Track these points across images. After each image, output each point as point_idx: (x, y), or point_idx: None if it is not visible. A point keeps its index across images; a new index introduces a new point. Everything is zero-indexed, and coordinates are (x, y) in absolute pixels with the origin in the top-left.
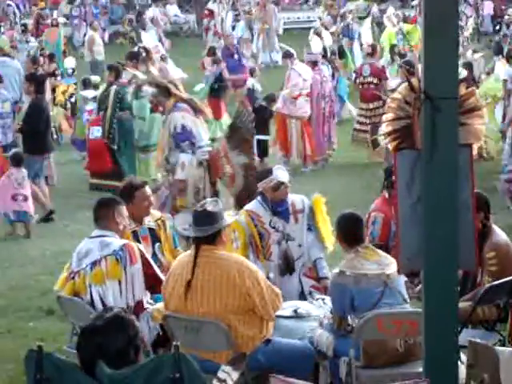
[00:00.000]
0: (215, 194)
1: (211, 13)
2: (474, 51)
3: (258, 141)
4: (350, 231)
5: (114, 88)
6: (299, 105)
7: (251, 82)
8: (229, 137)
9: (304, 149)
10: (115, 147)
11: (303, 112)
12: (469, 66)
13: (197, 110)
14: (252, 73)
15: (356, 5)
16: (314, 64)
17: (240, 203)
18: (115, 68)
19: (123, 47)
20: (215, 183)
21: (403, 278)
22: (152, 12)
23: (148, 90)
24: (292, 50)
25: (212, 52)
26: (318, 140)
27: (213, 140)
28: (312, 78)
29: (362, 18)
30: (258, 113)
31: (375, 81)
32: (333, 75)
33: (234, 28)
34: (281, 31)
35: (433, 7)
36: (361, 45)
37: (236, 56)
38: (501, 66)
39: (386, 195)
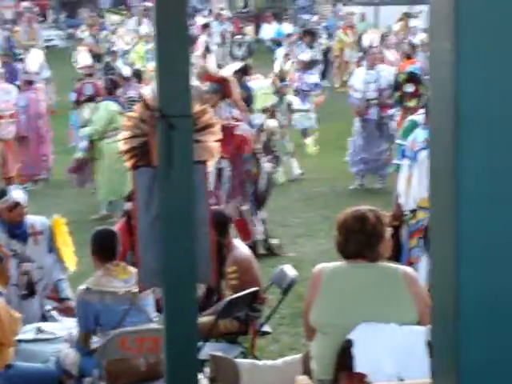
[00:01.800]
0: None
1: None
2: None
3: None
4: (106, 246)
5: None
6: (1, 126)
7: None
8: None
9: (9, 170)
10: None
11: (5, 134)
12: None
13: None
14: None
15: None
16: (29, 83)
17: None
18: None
19: None
20: None
21: (152, 297)
22: None
23: None
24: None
25: None
26: (35, 159)
27: None
28: (26, 97)
29: None
30: None
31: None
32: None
33: None
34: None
35: (164, 25)
36: None
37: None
38: None
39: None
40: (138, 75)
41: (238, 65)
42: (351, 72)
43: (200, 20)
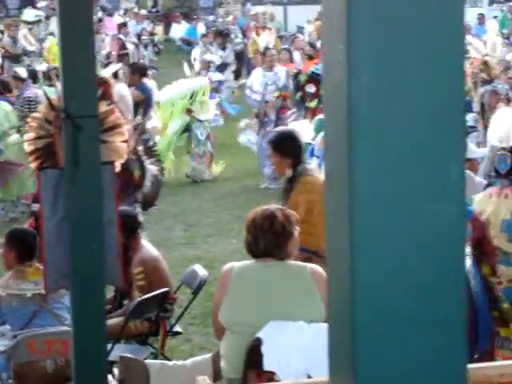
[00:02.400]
0: None
1: None
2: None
3: None
4: (27, 246)
5: None
6: None
7: None
8: None
9: None
10: None
11: None
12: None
13: None
14: None
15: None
16: None
17: None
18: None
19: None
20: None
21: (67, 299)
22: None
23: None
24: None
25: None
26: None
27: None
28: None
29: None
30: None
31: None
32: None
33: None
34: None
35: (68, 23)
36: None
37: None
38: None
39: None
40: (33, 76)
41: (115, 67)
42: None
43: (117, 19)
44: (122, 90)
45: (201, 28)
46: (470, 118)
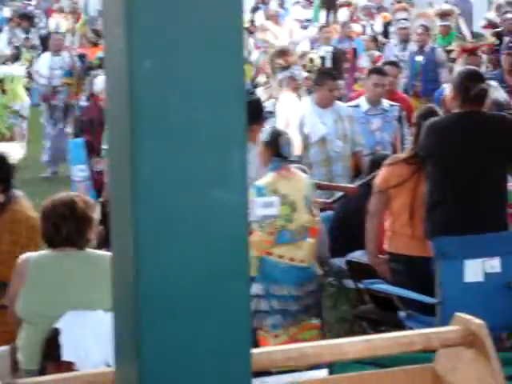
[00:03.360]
0: None
1: None
2: None
3: None
4: None
5: None
6: None
7: None
8: None
9: None
10: None
11: None
12: None
13: None
14: None
15: None
16: None
17: None
18: None
19: None
20: None
21: None
22: None
23: None
24: None
25: None
26: None
27: None
28: None
29: None
30: None
31: None
32: None
33: None
34: None
35: None
36: None
37: None
38: None
39: None
40: None
41: None
42: None
43: None
44: None
45: (5, 13)
46: (270, 103)
